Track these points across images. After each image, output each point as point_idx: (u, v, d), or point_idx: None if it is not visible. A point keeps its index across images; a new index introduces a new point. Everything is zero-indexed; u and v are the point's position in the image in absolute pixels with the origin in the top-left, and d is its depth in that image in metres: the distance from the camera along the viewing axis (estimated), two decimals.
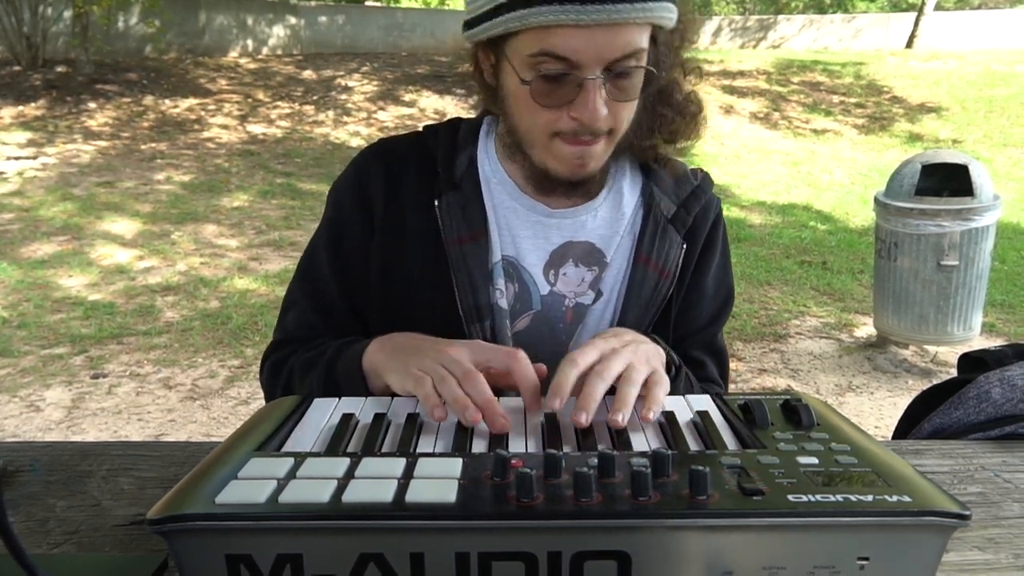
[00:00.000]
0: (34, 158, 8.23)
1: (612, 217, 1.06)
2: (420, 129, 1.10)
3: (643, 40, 0.88)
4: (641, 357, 0.79)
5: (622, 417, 0.70)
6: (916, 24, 16.30)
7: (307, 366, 0.99)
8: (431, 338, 0.87)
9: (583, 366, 0.76)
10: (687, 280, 1.08)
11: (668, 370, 0.90)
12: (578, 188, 1.02)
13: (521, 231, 1.04)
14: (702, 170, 1.14)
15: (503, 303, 1.03)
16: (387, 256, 1.03)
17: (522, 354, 0.78)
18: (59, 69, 11.13)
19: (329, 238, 1.07)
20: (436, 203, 1.01)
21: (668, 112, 1.03)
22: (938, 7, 17.73)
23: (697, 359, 1.11)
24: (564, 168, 0.96)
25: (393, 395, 0.82)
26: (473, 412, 0.70)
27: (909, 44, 16.24)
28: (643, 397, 0.74)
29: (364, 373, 0.88)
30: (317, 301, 1.07)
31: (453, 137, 1.07)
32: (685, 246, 1.06)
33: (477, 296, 1.00)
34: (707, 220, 1.10)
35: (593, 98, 0.87)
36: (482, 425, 0.71)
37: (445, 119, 1.12)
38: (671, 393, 0.81)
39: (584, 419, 0.69)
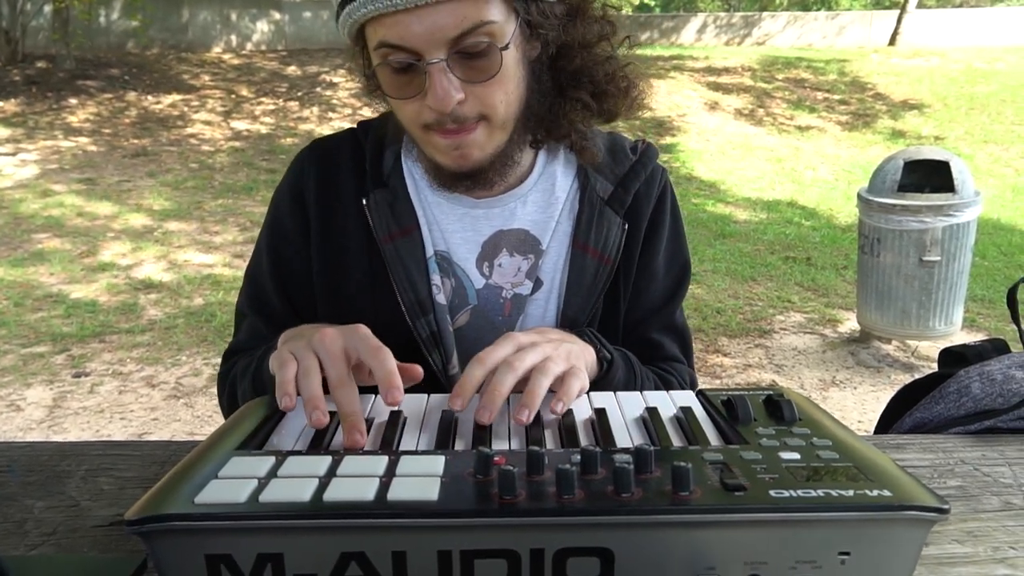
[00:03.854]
0: (13, 154, 8.13)
1: (545, 202, 1.03)
2: (356, 125, 1.08)
3: (486, 13, 0.82)
4: (562, 353, 0.77)
5: (527, 415, 0.68)
6: (899, 21, 16.41)
7: (243, 371, 0.97)
8: (328, 325, 0.80)
9: (491, 364, 0.73)
10: (635, 262, 1.04)
11: (600, 366, 0.88)
12: (477, 180, 0.95)
13: (449, 225, 1.02)
14: (644, 141, 1.09)
15: (441, 299, 1.00)
16: (326, 259, 1.02)
17: (386, 352, 0.72)
18: (39, 65, 11.00)
19: (269, 243, 1.06)
20: (364, 201, 0.99)
21: (583, 96, 0.96)
22: (920, 5, 17.87)
23: (655, 341, 1.08)
24: (447, 160, 0.92)
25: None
26: (320, 415, 0.66)
27: (892, 41, 16.35)
28: (553, 391, 0.72)
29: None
30: (261, 306, 1.06)
31: (383, 133, 1.04)
32: (627, 226, 1.02)
33: (417, 291, 0.98)
34: (650, 197, 1.05)
35: (439, 83, 0.82)
36: (465, 421, 0.71)
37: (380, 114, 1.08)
38: (605, 388, 0.80)
39: (487, 416, 0.67)
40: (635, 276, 1.05)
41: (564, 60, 0.95)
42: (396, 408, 0.73)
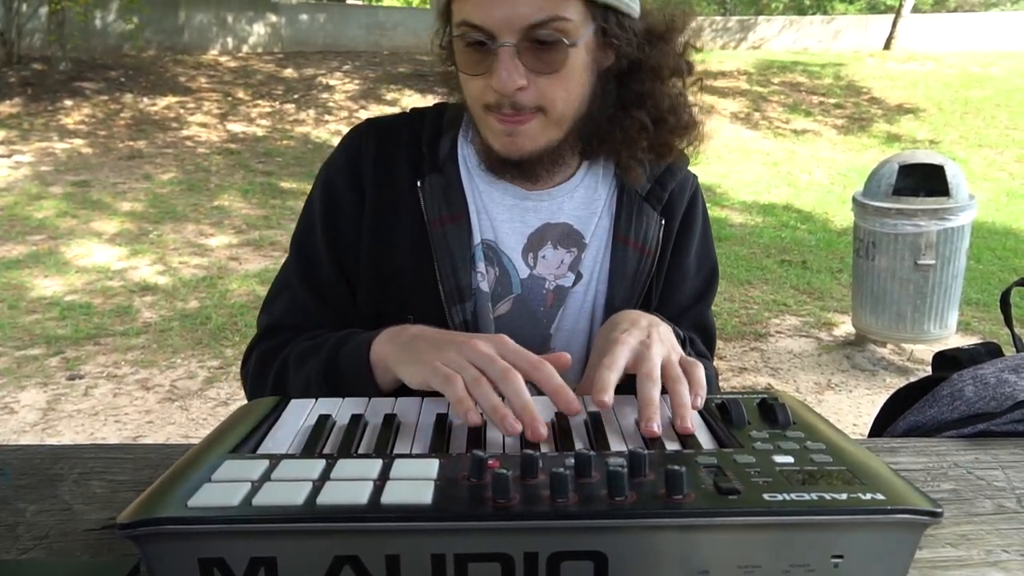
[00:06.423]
0: (8, 156, 8.11)
1: (589, 198, 1.06)
2: (408, 111, 1.10)
3: (563, 9, 0.87)
4: (667, 345, 0.79)
5: (688, 422, 0.68)
6: (894, 26, 16.47)
7: (304, 356, 0.95)
8: (447, 331, 0.83)
9: (620, 369, 0.75)
10: (668, 259, 1.08)
11: (682, 346, 0.89)
12: (523, 171, 1.00)
13: (498, 215, 1.04)
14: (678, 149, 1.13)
15: (484, 286, 1.02)
16: (377, 235, 1.02)
17: (548, 366, 0.72)
18: (35, 66, 10.97)
19: (323, 215, 1.05)
20: (419, 184, 1.01)
21: (642, 117, 0.99)
22: (915, 9, 17.93)
23: (689, 338, 1.09)
24: (498, 143, 0.96)
25: (401, 389, 0.79)
26: (513, 422, 0.65)
27: (887, 46, 16.41)
28: (689, 384, 0.73)
29: (371, 364, 0.85)
30: (312, 281, 1.04)
31: (439, 120, 1.07)
32: (663, 222, 1.06)
33: (458, 278, 0.99)
34: (684, 197, 1.10)
35: (504, 65, 0.87)
36: (460, 425, 0.71)
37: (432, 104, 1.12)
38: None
39: (656, 427, 0.67)
40: (667, 272, 1.09)
41: (633, 80, 0.99)
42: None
